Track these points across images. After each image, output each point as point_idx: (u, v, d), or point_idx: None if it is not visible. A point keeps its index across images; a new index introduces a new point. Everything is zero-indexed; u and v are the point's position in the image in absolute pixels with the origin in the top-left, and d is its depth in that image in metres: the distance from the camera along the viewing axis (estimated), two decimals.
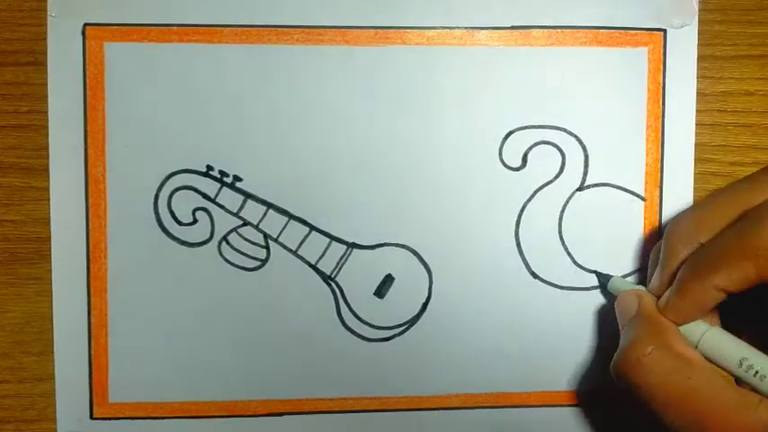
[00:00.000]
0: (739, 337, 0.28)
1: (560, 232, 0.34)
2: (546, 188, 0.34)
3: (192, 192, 0.33)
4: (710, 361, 0.27)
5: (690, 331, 0.28)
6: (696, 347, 0.27)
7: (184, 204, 0.33)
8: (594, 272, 0.34)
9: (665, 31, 0.33)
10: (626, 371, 0.27)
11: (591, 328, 0.34)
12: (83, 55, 0.32)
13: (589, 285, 0.34)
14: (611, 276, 0.33)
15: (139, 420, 0.34)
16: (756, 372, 0.26)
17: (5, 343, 0.33)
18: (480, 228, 0.34)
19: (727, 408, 0.24)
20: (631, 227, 0.34)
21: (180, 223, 0.33)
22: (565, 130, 0.33)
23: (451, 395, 0.34)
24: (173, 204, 0.33)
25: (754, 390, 0.26)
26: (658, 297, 0.29)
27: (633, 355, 0.26)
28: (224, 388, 0.34)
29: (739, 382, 0.27)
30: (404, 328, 0.34)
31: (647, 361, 0.26)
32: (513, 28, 0.33)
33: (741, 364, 0.26)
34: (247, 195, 0.33)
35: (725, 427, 0.24)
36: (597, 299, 0.34)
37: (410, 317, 0.34)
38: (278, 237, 0.33)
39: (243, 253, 0.33)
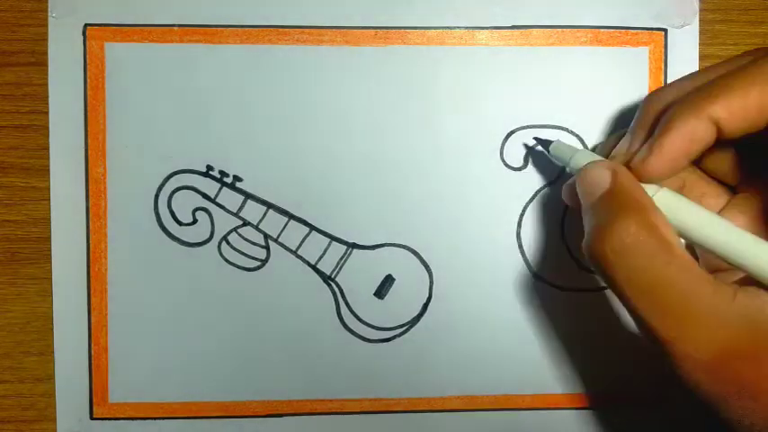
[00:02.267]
0: None
1: (562, 232, 0.34)
2: (547, 188, 0.34)
3: (193, 192, 0.33)
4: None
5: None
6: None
7: (184, 204, 0.33)
8: (535, 139, 0.32)
9: (665, 30, 0.33)
10: (605, 253, 0.23)
11: (593, 329, 0.34)
12: (83, 55, 0.32)
13: (591, 286, 0.34)
14: (552, 141, 0.31)
15: (139, 420, 0.34)
16: (719, 237, 0.23)
17: (6, 343, 0.33)
18: (481, 228, 0.34)
19: (703, 301, 0.22)
20: None
21: (180, 223, 0.33)
22: (566, 130, 0.33)
23: (452, 397, 0.34)
24: (173, 204, 0.33)
25: (705, 251, 0.24)
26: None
27: (613, 234, 0.23)
28: (224, 388, 0.34)
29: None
30: (404, 328, 0.34)
31: (630, 243, 0.23)
32: (513, 27, 0.33)
33: (694, 225, 0.24)
34: (247, 195, 0.33)
35: (698, 321, 0.22)
36: (600, 299, 0.34)
37: (410, 317, 0.34)
38: (278, 237, 0.33)
39: (243, 253, 0.33)
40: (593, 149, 0.32)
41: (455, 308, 0.34)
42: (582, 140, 0.33)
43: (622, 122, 0.33)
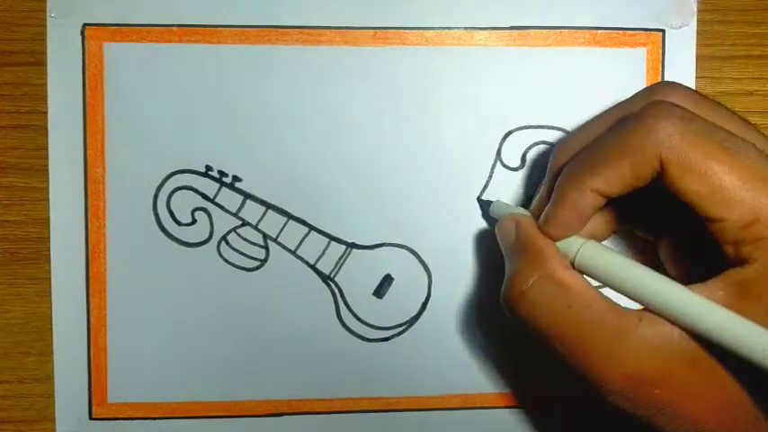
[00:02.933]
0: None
1: None
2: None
3: (192, 192, 0.33)
4: (590, 275, 0.26)
5: (567, 248, 0.27)
6: (573, 264, 0.26)
7: (184, 204, 0.33)
8: (477, 199, 0.33)
9: (663, 31, 0.33)
10: (512, 304, 0.26)
11: None
12: (82, 55, 0.32)
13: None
14: (492, 201, 0.32)
15: (139, 420, 0.34)
16: (631, 282, 0.24)
17: (5, 343, 0.33)
18: (479, 228, 0.34)
19: (609, 333, 0.23)
20: None
21: (179, 223, 0.33)
22: (563, 131, 0.33)
23: (451, 395, 0.34)
24: (172, 204, 0.33)
25: (633, 299, 0.25)
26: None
27: (516, 287, 0.25)
28: (223, 388, 0.34)
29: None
30: (403, 328, 0.34)
31: (530, 293, 0.25)
32: (512, 28, 0.33)
33: (615, 277, 0.25)
34: (246, 195, 0.33)
35: (607, 353, 0.23)
36: None
37: (409, 317, 0.34)
38: (277, 237, 0.33)
39: (242, 253, 0.33)
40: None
41: (454, 307, 0.34)
42: None
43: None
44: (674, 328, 0.23)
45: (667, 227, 0.29)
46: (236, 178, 0.33)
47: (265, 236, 0.33)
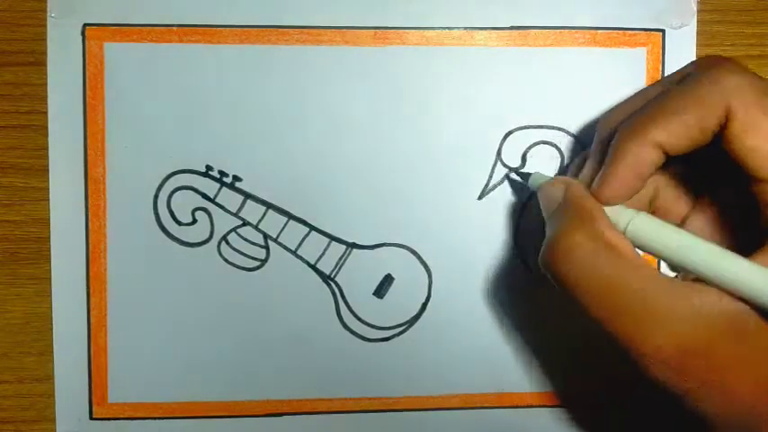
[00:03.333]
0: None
1: None
2: None
3: (192, 192, 0.33)
4: (639, 246, 0.25)
5: (617, 217, 0.26)
6: (624, 234, 0.25)
7: (184, 204, 0.33)
8: (513, 170, 0.33)
9: (663, 31, 0.33)
10: (553, 262, 0.25)
11: (592, 328, 0.34)
12: (82, 55, 0.32)
13: None
14: (531, 173, 0.32)
15: (139, 420, 0.34)
16: (686, 253, 0.24)
17: (5, 343, 0.33)
18: (480, 228, 0.34)
19: (656, 300, 0.23)
20: None
21: (179, 223, 0.33)
22: (563, 130, 0.33)
23: (451, 395, 0.34)
24: (172, 204, 0.33)
25: (686, 272, 0.24)
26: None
27: (560, 245, 0.24)
28: (223, 388, 0.34)
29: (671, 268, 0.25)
30: (403, 328, 0.34)
31: (574, 251, 0.24)
32: (511, 28, 0.33)
33: (670, 247, 0.24)
34: (247, 195, 0.33)
35: (655, 321, 0.23)
36: None
37: (410, 317, 0.34)
38: (277, 237, 0.33)
39: (242, 253, 0.33)
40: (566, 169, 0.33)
41: (454, 307, 0.34)
42: (579, 140, 0.34)
43: None
44: (723, 299, 0.23)
45: (697, 201, 0.28)
46: (236, 178, 0.33)
47: (266, 236, 0.33)
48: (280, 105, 0.33)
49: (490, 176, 0.33)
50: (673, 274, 0.25)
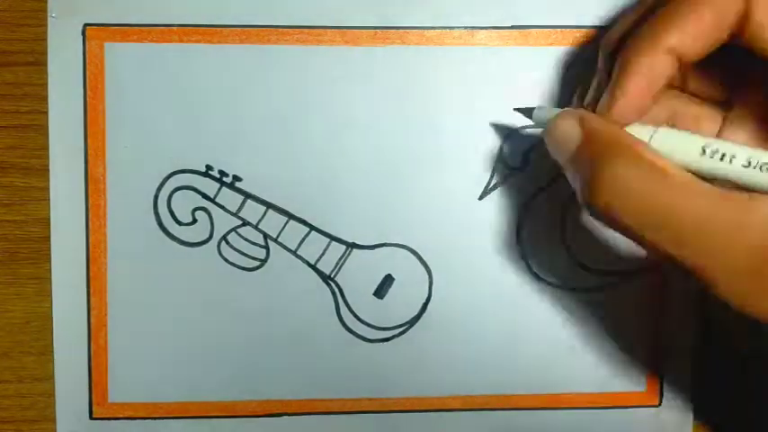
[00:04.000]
0: None
1: (562, 232, 0.34)
2: (547, 188, 0.34)
3: (192, 192, 0.33)
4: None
5: (638, 135, 0.24)
6: None
7: (184, 204, 0.33)
8: (516, 109, 0.30)
9: None
10: (604, 207, 0.23)
11: (592, 328, 0.34)
12: (83, 55, 0.32)
13: (591, 286, 0.34)
14: (534, 108, 0.29)
15: (139, 420, 0.34)
16: (723, 154, 0.23)
17: (5, 343, 0.33)
18: (480, 228, 0.34)
19: (718, 215, 0.21)
20: None
21: (179, 223, 0.33)
22: None
23: (452, 396, 0.34)
24: (172, 204, 0.33)
25: (725, 178, 0.23)
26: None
27: (605, 182, 0.22)
28: (223, 388, 0.34)
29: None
30: (404, 328, 0.34)
31: (622, 183, 0.22)
32: (512, 28, 0.33)
33: (704, 152, 0.23)
34: (247, 195, 0.33)
35: (729, 232, 0.21)
36: (599, 299, 0.34)
37: (410, 317, 0.34)
38: (277, 237, 0.33)
39: (242, 253, 0.33)
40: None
41: (454, 307, 0.34)
42: None
43: None
44: None
45: (724, 118, 0.27)
46: (236, 178, 0.33)
47: (266, 236, 0.33)
48: (280, 105, 0.33)
49: (491, 176, 0.33)
50: None
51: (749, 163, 0.22)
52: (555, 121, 0.25)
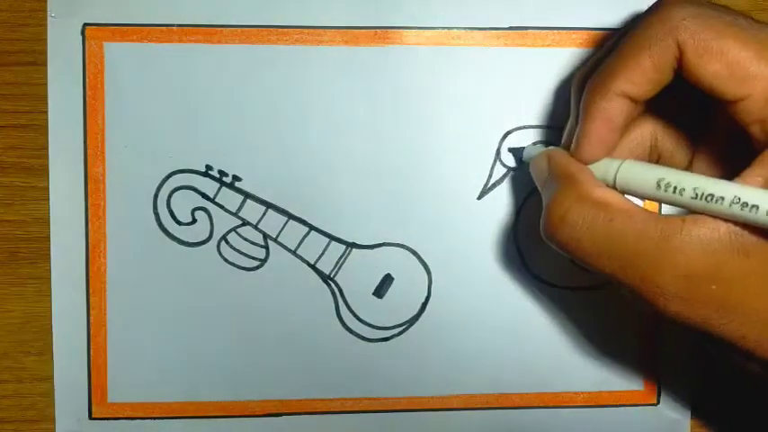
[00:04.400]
0: None
1: None
2: None
3: (192, 191, 0.33)
4: (632, 194, 0.26)
5: (604, 171, 0.26)
6: (614, 186, 0.26)
7: (184, 204, 0.33)
8: (509, 150, 0.33)
9: None
10: (552, 233, 0.25)
11: (591, 327, 0.34)
12: (82, 55, 0.32)
13: (589, 284, 0.34)
14: (524, 147, 0.32)
15: (138, 420, 0.34)
16: (675, 187, 0.24)
17: (5, 343, 0.33)
18: (479, 227, 0.34)
19: (655, 239, 0.23)
20: None
21: (179, 223, 0.33)
22: (563, 130, 0.33)
23: (451, 396, 0.34)
24: (172, 204, 0.33)
25: (682, 207, 0.25)
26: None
27: (554, 215, 0.25)
28: (223, 388, 0.34)
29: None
30: (403, 328, 0.34)
31: (569, 217, 0.25)
32: (511, 29, 0.33)
33: (659, 186, 0.24)
34: (246, 195, 0.33)
35: (656, 258, 0.23)
36: (597, 297, 0.34)
37: (409, 317, 0.34)
38: (277, 236, 0.33)
39: (242, 253, 0.33)
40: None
41: (454, 307, 0.34)
42: None
43: None
44: (718, 223, 0.23)
45: (699, 143, 0.29)
46: (236, 178, 0.33)
47: (265, 235, 0.33)
48: (280, 105, 0.33)
49: (490, 176, 0.34)
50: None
51: (696, 195, 0.23)
52: (534, 158, 0.29)
